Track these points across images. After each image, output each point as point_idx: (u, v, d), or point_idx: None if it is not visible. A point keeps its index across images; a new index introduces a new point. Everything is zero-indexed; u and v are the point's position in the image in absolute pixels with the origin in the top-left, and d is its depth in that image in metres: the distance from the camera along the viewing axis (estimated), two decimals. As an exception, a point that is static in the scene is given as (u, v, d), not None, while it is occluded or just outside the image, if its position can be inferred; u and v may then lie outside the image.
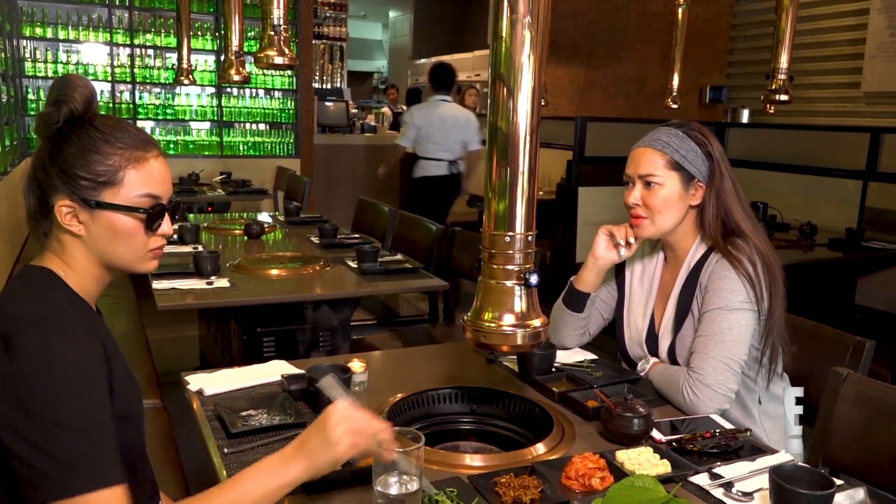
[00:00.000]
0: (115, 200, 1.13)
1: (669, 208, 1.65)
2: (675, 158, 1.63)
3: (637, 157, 1.68)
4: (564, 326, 1.84)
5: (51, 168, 1.13)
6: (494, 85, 1.25)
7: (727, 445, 1.34)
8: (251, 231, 3.34)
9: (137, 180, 1.13)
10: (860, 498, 1.16)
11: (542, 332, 1.32)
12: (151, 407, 2.25)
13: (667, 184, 1.64)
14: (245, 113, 6.34)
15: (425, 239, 3.29)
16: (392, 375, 1.70)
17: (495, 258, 1.31)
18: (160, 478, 1.74)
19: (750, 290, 1.56)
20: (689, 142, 1.65)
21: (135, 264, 1.19)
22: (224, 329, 2.98)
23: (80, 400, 1.01)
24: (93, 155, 1.11)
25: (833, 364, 1.68)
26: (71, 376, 1.01)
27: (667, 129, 1.68)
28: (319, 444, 1.07)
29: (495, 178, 1.28)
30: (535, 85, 1.24)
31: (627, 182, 1.71)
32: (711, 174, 1.65)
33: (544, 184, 5.95)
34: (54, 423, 0.98)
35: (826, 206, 4.17)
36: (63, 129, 1.14)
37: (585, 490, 1.18)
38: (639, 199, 1.67)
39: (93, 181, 1.12)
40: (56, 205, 1.12)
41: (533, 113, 1.24)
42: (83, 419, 1.00)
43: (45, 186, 1.13)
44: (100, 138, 1.13)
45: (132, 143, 1.14)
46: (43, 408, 0.99)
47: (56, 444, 0.98)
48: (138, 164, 1.14)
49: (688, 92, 8.07)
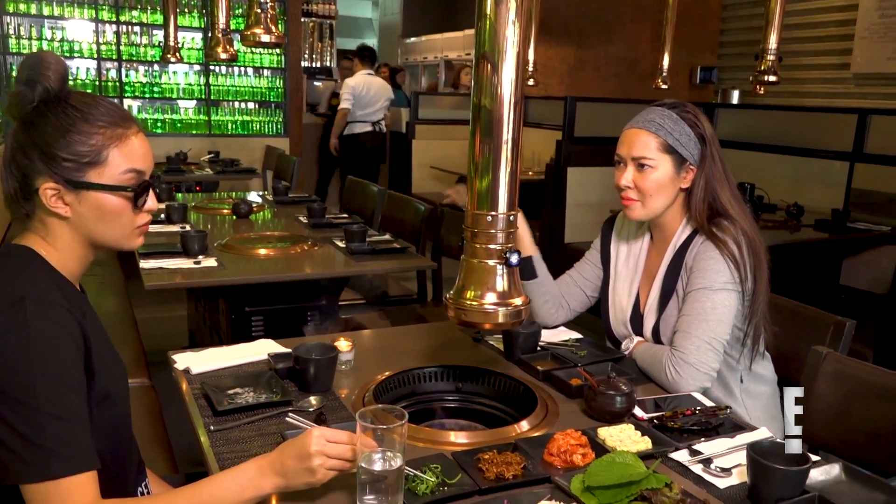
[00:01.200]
0: (101, 180, 1.12)
1: (661, 191, 1.65)
2: (668, 141, 1.63)
3: (630, 138, 1.67)
4: (532, 299, 1.85)
5: (31, 150, 1.10)
6: (479, 64, 1.25)
7: (707, 423, 1.36)
8: (239, 210, 3.33)
9: (121, 158, 1.13)
10: (835, 473, 1.18)
11: (522, 311, 1.34)
12: (139, 386, 2.26)
13: (659, 167, 1.64)
14: (233, 91, 6.30)
15: (414, 218, 3.30)
16: (378, 354, 1.71)
17: (477, 237, 1.32)
18: (148, 456, 1.76)
19: (734, 271, 1.58)
20: (682, 124, 1.64)
21: (122, 241, 1.19)
22: (212, 308, 2.98)
23: (56, 384, 1.01)
24: (74, 135, 1.10)
25: (814, 343, 1.71)
26: (47, 360, 1.01)
27: (660, 110, 1.67)
28: (296, 469, 1.06)
29: (478, 157, 1.29)
30: (519, 64, 1.24)
31: (618, 162, 1.70)
32: (703, 158, 1.65)
33: (534, 164, 5.95)
34: (30, 407, 0.99)
35: (813, 187, 4.19)
36: (39, 108, 1.11)
37: (567, 466, 1.20)
38: (630, 182, 1.66)
39: (76, 162, 1.10)
40: (40, 188, 1.10)
41: (516, 93, 1.24)
42: (59, 403, 1.01)
43: (27, 170, 1.11)
44: (79, 117, 1.11)
45: (111, 121, 1.13)
46: (19, 390, 0.99)
47: (30, 428, 0.98)
48: (120, 142, 1.13)
49: (678, 72, 8.06)
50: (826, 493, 1.11)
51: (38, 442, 0.99)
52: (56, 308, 1.05)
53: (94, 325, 1.22)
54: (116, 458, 1.20)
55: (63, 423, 1.01)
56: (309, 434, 1.07)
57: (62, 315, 1.05)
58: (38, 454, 0.99)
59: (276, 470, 1.06)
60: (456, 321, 1.36)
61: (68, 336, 1.05)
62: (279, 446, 1.09)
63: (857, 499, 1.13)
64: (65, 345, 1.04)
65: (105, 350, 1.22)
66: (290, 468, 1.06)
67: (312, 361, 1.46)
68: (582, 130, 4.52)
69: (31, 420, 0.99)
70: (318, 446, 1.05)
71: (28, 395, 0.99)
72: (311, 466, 1.05)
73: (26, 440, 0.99)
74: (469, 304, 1.32)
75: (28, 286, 1.06)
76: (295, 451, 1.06)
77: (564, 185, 4.51)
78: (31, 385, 0.99)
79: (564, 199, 4.51)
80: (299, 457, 1.05)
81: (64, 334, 1.04)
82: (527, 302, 1.35)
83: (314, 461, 1.05)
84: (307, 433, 1.07)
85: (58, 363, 1.02)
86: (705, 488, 1.17)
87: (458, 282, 1.36)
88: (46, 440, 0.99)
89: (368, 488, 1.05)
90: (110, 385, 1.15)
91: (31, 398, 0.99)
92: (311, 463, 1.05)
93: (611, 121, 4.72)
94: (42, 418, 0.99)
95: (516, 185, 1.32)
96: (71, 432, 1.02)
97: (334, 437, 1.08)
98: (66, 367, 1.03)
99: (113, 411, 1.16)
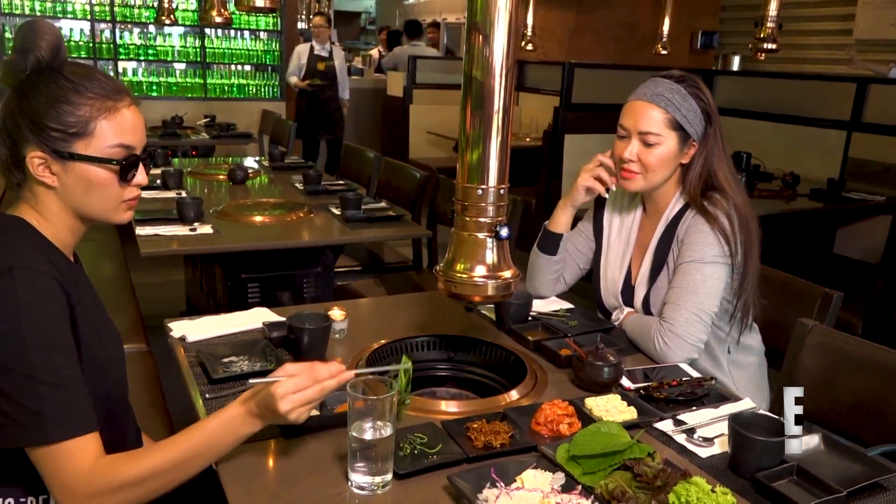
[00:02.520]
0: (88, 152, 1.12)
1: (664, 166, 1.65)
2: (676, 118, 1.61)
3: (637, 111, 1.64)
4: (539, 271, 1.87)
5: (20, 119, 1.12)
6: (470, 34, 1.25)
7: (693, 393, 1.39)
8: (235, 176, 3.33)
9: (109, 131, 1.13)
10: (815, 443, 1.21)
11: (512, 284, 1.36)
12: (136, 351, 2.29)
13: (665, 142, 1.63)
14: (229, 54, 6.24)
15: (410, 185, 3.30)
16: (372, 323, 1.73)
17: (468, 210, 1.33)
18: (146, 421, 1.79)
19: (724, 244, 1.59)
20: (690, 100, 1.62)
21: (109, 215, 1.19)
22: (209, 274, 3.00)
23: (47, 350, 1.03)
24: (63, 105, 1.10)
25: (802, 314, 1.73)
26: (37, 327, 1.03)
27: (668, 84, 1.63)
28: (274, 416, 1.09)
29: (469, 130, 1.29)
30: (511, 35, 1.23)
31: (623, 136, 1.68)
32: (706, 134, 1.65)
33: (531, 130, 5.93)
34: (23, 374, 1.01)
35: (810, 156, 4.19)
36: (31, 78, 1.12)
37: (554, 435, 1.23)
38: (634, 156, 1.65)
39: (63, 132, 1.11)
40: (28, 156, 1.12)
41: (507, 63, 1.24)
42: (51, 370, 1.03)
43: (16, 137, 1.12)
44: (69, 88, 1.11)
45: (103, 93, 1.13)
46: (13, 358, 1.01)
47: (27, 395, 1.01)
48: (109, 114, 1.13)
49: (679, 37, 7.99)
50: (804, 463, 1.13)
51: (34, 408, 1.01)
52: (42, 276, 1.06)
53: (88, 294, 1.24)
54: (111, 425, 1.22)
55: (56, 388, 1.03)
56: (274, 390, 1.07)
57: (49, 283, 1.07)
58: (34, 420, 1.02)
59: (257, 414, 1.10)
60: (446, 293, 1.38)
61: (55, 303, 1.07)
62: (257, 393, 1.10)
63: (835, 469, 1.15)
64: (53, 312, 1.06)
65: (98, 319, 1.24)
66: (268, 415, 1.09)
67: (306, 331, 1.48)
68: (580, 97, 4.49)
69: (25, 387, 1.01)
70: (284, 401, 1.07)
71: (21, 363, 1.02)
72: (284, 414, 1.07)
73: (22, 406, 1.01)
74: (459, 277, 1.34)
75: (16, 257, 1.07)
76: (266, 404, 1.08)
77: (561, 153, 4.50)
78: (23, 353, 1.02)
79: (561, 167, 4.50)
80: (269, 408, 1.08)
81: (51, 301, 1.06)
82: (516, 275, 1.37)
83: (283, 406, 1.07)
84: (274, 387, 1.08)
85: (48, 330, 1.05)
86: (687, 457, 1.20)
87: (449, 254, 1.38)
88: (42, 406, 1.02)
89: (359, 455, 1.08)
90: (101, 354, 1.17)
91: (24, 366, 1.01)
92: (283, 411, 1.07)
93: (609, 88, 4.71)
94: (36, 385, 1.02)
95: (507, 159, 1.33)
96: (65, 397, 1.04)
97: (298, 385, 1.08)
98: (55, 334, 1.06)
99: (105, 380, 1.18)
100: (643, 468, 1.05)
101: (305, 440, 1.21)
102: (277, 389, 1.07)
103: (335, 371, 1.11)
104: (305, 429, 1.23)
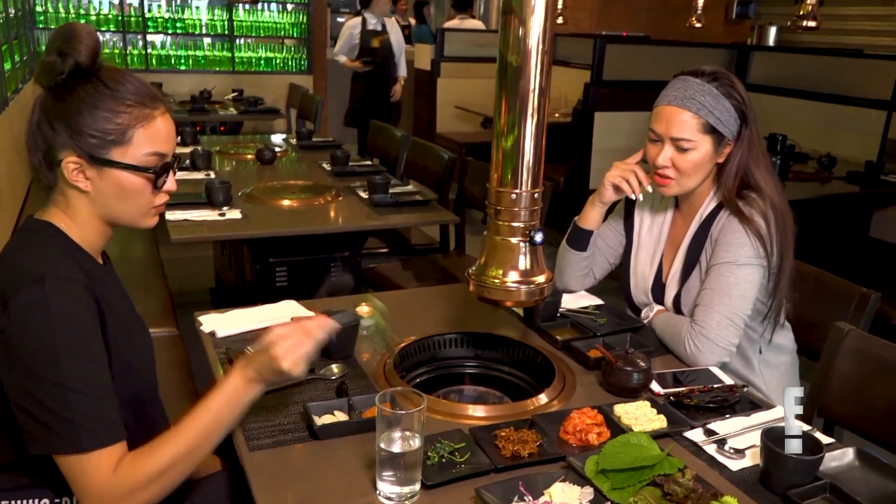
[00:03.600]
0: (124, 159, 1.13)
1: (699, 170, 1.60)
2: (709, 121, 1.56)
3: (669, 117, 1.59)
4: (568, 267, 1.85)
5: (57, 122, 1.12)
6: (506, 23, 1.23)
7: (724, 400, 1.37)
8: (263, 157, 3.34)
9: (145, 139, 1.14)
10: (849, 459, 1.20)
11: (545, 289, 1.34)
12: (167, 335, 2.31)
13: (699, 147, 1.58)
14: (256, 27, 6.21)
15: (437, 166, 3.27)
16: (400, 319, 1.73)
17: (501, 215, 1.32)
18: (176, 408, 1.81)
19: (759, 246, 1.56)
20: (723, 100, 1.56)
21: (138, 220, 1.21)
22: (238, 254, 3.02)
23: (79, 359, 1.05)
24: (101, 112, 1.11)
25: (837, 313, 1.71)
26: (69, 336, 1.04)
27: (699, 85, 1.57)
28: (267, 365, 1.14)
29: (503, 133, 1.28)
30: (547, 27, 1.21)
31: (655, 140, 1.63)
32: (740, 133, 1.60)
33: (560, 105, 5.84)
34: (55, 383, 1.02)
35: (847, 137, 4.07)
36: (69, 81, 1.12)
37: (582, 445, 1.22)
38: (668, 161, 1.60)
39: (101, 138, 1.12)
40: (63, 160, 1.13)
41: (543, 58, 1.22)
42: (83, 378, 1.04)
43: (51, 140, 1.13)
44: (108, 94, 1.12)
45: (139, 100, 1.14)
46: (45, 367, 1.03)
47: (58, 403, 1.03)
48: (147, 123, 1.14)
49: (713, 6, 7.77)
50: (838, 480, 1.12)
51: (67, 416, 1.03)
52: (73, 284, 1.08)
53: (117, 293, 1.25)
54: (141, 424, 1.24)
55: (88, 397, 1.05)
56: (274, 352, 1.13)
57: (79, 291, 1.08)
58: (67, 428, 1.03)
59: (258, 379, 1.15)
60: (477, 296, 1.37)
61: (86, 311, 1.08)
62: (253, 360, 1.16)
63: (870, 486, 1.14)
64: (84, 320, 1.07)
65: (127, 316, 1.26)
66: (270, 376, 1.15)
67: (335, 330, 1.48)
68: (611, 73, 4.41)
69: (57, 395, 1.03)
70: (286, 360, 1.13)
71: (53, 372, 1.03)
72: (287, 371, 1.13)
73: (55, 414, 1.03)
74: (492, 282, 1.33)
75: (47, 265, 1.08)
76: (266, 367, 1.14)
77: (591, 131, 4.43)
78: (56, 361, 1.03)
79: (591, 145, 4.44)
80: (271, 369, 1.14)
81: (82, 309, 1.07)
82: (550, 279, 1.36)
83: (287, 365, 1.13)
84: (273, 350, 1.14)
85: (79, 338, 1.06)
86: (717, 470, 1.19)
87: (481, 258, 1.36)
88: (74, 414, 1.03)
89: (387, 465, 1.09)
90: (131, 354, 1.19)
91: (56, 374, 1.03)
92: (287, 368, 1.13)
93: (641, 63, 4.61)
94: (68, 394, 1.03)
95: (541, 163, 1.31)
96: (97, 406, 1.06)
97: (294, 343, 1.15)
98: (87, 342, 1.07)
99: (134, 381, 1.20)
100: (673, 487, 1.04)
101: (334, 444, 1.22)
102: (277, 350, 1.13)
103: (322, 322, 1.21)
104: (335, 430, 1.24)
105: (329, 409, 1.29)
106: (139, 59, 5.90)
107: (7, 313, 1.03)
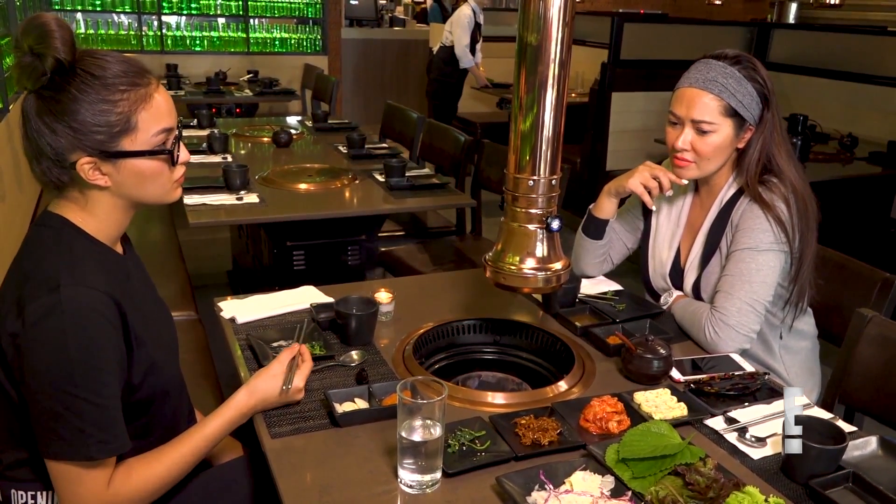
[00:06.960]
0: (136, 146, 1.11)
1: (719, 154, 1.59)
2: (731, 104, 1.54)
3: (690, 99, 1.57)
4: (585, 254, 1.84)
5: (56, 126, 1.07)
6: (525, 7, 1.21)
7: (745, 387, 1.36)
8: (279, 140, 3.33)
9: (150, 120, 1.11)
10: (872, 448, 1.19)
11: (562, 275, 1.34)
12: (186, 320, 2.33)
13: (720, 130, 1.56)
14: (271, 7, 6.17)
15: (454, 148, 3.26)
16: (418, 304, 1.73)
17: (518, 201, 1.31)
18: (197, 392, 1.84)
19: (780, 232, 1.54)
20: (745, 84, 1.54)
21: (163, 197, 1.20)
22: (255, 237, 3.03)
23: (92, 369, 1.05)
24: (99, 105, 1.07)
25: (859, 298, 1.69)
26: (83, 345, 1.04)
27: (721, 67, 1.55)
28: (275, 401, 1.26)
29: (521, 119, 1.27)
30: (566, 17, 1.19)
31: (675, 123, 1.61)
32: (762, 117, 1.57)
33: (577, 85, 5.79)
34: (67, 392, 1.03)
35: (869, 116, 4.00)
36: (54, 81, 1.06)
37: (602, 433, 1.22)
38: (688, 144, 1.58)
39: (108, 132, 1.08)
40: (77, 162, 1.08)
41: (563, 58, 1.21)
42: (95, 388, 1.05)
43: (57, 146, 1.07)
44: (98, 84, 1.07)
45: (131, 81, 1.09)
46: (56, 376, 1.03)
47: (68, 410, 1.03)
48: (146, 103, 1.10)
49: (733, -18, 7.65)
50: (861, 469, 1.11)
51: (78, 425, 1.04)
52: (90, 292, 1.06)
53: (139, 285, 1.25)
54: (167, 408, 1.26)
55: (99, 407, 1.06)
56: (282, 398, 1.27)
57: (96, 298, 1.06)
58: (78, 437, 1.04)
59: (255, 412, 1.25)
60: (494, 283, 1.37)
61: (103, 319, 1.06)
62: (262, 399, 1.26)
63: (893, 475, 1.13)
64: (100, 329, 1.06)
65: (152, 310, 1.26)
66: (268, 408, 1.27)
67: (353, 317, 1.49)
68: (629, 53, 4.35)
69: (69, 404, 1.03)
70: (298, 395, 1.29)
71: (66, 381, 1.03)
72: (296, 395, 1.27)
73: (66, 422, 1.03)
74: (508, 268, 1.33)
75: (64, 270, 1.07)
76: (271, 402, 1.27)
77: (608, 111, 4.39)
78: (69, 370, 1.03)
79: (607, 126, 4.40)
80: (274, 404, 1.27)
81: (98, 317, 1.06)
82: (567, 265, 1.35)
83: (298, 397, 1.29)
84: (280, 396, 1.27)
85: (93, 348, 1.05)
86: (739, 458, 1.18)
87: (498, 245, 1.36)
88: (85, 424, 1.04)
89: (408, 454, 1.09)
90: (156, 352, 1.19)
91: (68, 383, 1.03)
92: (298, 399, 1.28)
93: (659, 42, 4.54)
94: (80, 403, 1.04)
95: (559, 150, 1.30)
96: (107, 417, 1.07)
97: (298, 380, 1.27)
98: (101, 352, 1.06)
99: (161, 376, 1.20)
100: (695, 477, 1.04)
101: (354, 431, 1.23)
102: (285, 396, 1.26)
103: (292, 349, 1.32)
104: (356, 417, 1.24)
105: (349, 396, 1.30)
106: (154, 41, 5.89)
107: (22, 320, 1.03)
